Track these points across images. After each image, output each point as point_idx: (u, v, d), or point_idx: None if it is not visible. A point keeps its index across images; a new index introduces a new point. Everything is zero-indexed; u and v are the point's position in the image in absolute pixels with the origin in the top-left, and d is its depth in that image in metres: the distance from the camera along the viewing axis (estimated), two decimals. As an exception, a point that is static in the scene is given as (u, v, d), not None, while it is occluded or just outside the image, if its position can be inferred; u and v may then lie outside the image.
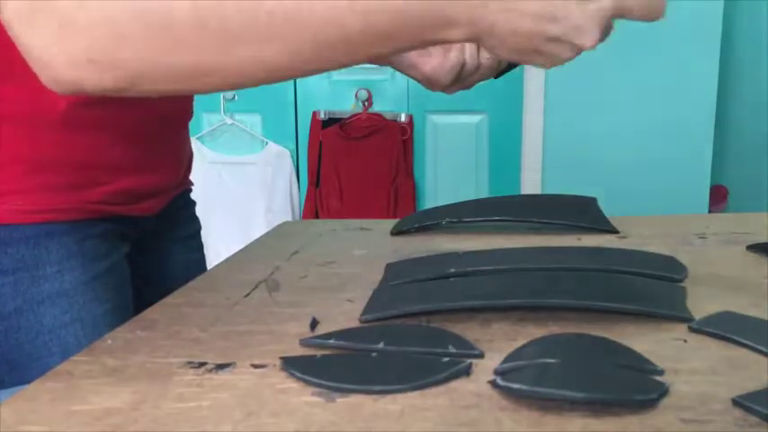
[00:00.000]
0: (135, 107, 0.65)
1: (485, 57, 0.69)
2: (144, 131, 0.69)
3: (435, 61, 0.68)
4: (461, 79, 0.70)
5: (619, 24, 0.50)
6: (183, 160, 0.80)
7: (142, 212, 0.71)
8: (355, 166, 2.65)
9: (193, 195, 0.86)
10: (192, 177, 0.85)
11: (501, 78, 0.75)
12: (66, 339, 0.62)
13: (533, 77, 2.40)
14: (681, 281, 0.62)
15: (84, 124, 0.62)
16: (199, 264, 0.85)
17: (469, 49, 0.69)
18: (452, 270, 0.63)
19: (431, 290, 0.60)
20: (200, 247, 0.86)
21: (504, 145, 2.63)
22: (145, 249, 0.75)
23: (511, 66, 0.71)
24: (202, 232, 0.87)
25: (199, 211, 0.87)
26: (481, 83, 0.75)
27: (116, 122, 0.65)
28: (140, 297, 0.70)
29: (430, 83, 0.70)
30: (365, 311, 0.56)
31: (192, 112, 0.80)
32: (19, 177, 0.61)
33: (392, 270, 0.67)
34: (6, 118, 0.59)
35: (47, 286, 0.62)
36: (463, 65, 0.69)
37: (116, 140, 0.66)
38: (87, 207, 0.64)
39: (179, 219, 0.80)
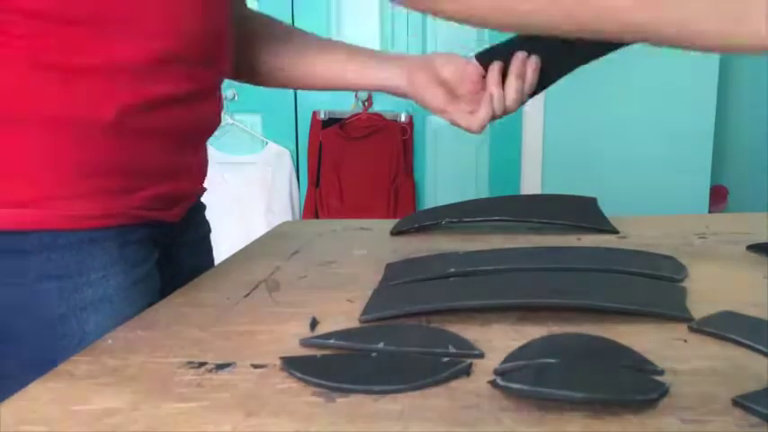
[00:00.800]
0: (179, 112, 0.65)
1: (511, 98, 0.74)
2: (183, 137, 0.69)
3: (466, 119, 0.75)
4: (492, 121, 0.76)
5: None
6: (206, 165, 0.80)
7: (174, 218, 0.71)
8: (355, 166, 2.65)
9: (194, 195, 0.86)
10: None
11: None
12: None
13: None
14: (681, 281, 0.62)
15: (132, 129, 0.62)
16: (209, 267, 0.84)
17: (497, 96, 0.74)
18: (452, 270, 0.63)
19: (431, 290, 0.60)
20: (210, 250, 0.86)
21: (504, 145, 2.64)
22: (167, 253, 0.74)
23: (531, 95, 0.76)
24: (202, 232, 0.87)
25: (199, 210, 0.87)
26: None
27: (161, 128, 0.65)
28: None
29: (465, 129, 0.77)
30: (365, 311, 0.56)
31: (221, 118, 0.80)
32: (71, 181, 0.60)
33: (392, 270, 0.67)
34: (63, 122, 0.59)
35: (90, 292, 0.61)
36: (493, 116, 0.75)
37: (160, 146, 0.66)
38: (130, 212, 0.64)
39: (190, 223, 0.80)
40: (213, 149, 2.69)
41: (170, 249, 0.74)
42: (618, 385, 0.40)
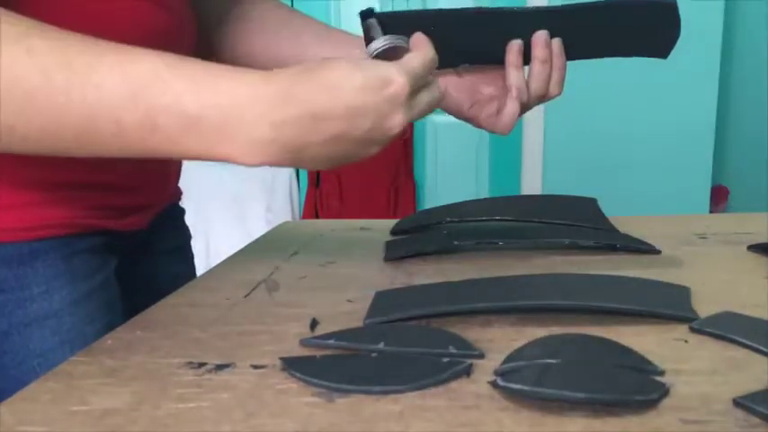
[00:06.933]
0: None
1: (537, 89, 0.68)
2: None
3: (491, 122, 0.70)
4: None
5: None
6: (172, 174, 0.77)
7: (131, 227, 0.68)
8: (355, 166, 2.65)
9: (194, 195, 0.84)
10: (191, 177, 0.82)
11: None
12: (55, 363, 0.58)
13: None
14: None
15: None
16: (188, 276, 0.81)
17: (521, 90, 0.68)
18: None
19: (433, 293, 0.60)
20: (190, 257, 0.84)
21: (504, 145, 2.64)
22: (133, 262, 0.72)
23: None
24: (203, 232, 0.85)
25: (199, 211, 0.86)
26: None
27: None
28: (130, 311, 0.67)
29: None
30: (368, 316, 0.55)
31: None
32: (6, 193, 0.58)
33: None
34: None
35: (34, 308, 0.58)
36: (520, 112, 0.68)
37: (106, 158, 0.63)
38: (74, 222, 0.61)
39: (167, 230, 0.78)
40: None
41: (140, 258, 0.72)
42: (618, 385, 0.40)
